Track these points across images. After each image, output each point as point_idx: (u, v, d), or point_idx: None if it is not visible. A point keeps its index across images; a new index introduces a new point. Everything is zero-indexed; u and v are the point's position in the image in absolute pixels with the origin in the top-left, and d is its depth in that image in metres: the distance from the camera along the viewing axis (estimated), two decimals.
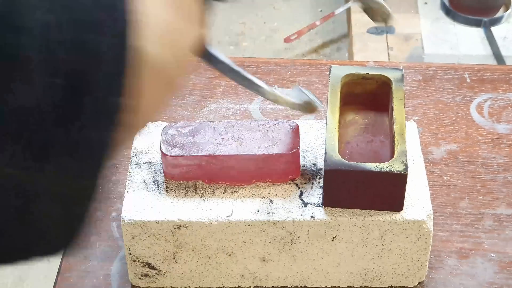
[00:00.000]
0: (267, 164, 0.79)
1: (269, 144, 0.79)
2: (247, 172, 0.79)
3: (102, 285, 0.83)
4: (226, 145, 0.79)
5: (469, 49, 2.24)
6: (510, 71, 1.07)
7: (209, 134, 0.80)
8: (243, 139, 0.80)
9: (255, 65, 1.08)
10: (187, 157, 0.78)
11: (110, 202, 0.90)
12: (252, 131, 0.81)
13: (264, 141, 0.79)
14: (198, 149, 0.79)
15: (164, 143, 0.79)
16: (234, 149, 0.79)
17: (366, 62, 1.06)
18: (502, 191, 0.91)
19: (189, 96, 1.03)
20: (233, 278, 0.82)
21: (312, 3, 2.74)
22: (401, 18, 2.36)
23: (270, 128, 0.81)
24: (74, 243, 0.45)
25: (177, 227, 0.77)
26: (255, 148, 0.79)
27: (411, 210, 0.77)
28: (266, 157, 0.78)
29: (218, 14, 2.72)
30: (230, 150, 0.79)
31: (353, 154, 0.81)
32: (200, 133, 0.80)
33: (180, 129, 0.81)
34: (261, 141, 0.80)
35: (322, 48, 2.55)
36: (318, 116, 1.00)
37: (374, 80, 0.84)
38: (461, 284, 0.82)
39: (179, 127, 0.81)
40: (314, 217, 0.77)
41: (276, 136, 0.80)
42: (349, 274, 0.81)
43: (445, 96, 1.03)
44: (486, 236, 0.86)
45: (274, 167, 0.79)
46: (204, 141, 0.79)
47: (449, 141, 0.97)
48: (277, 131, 0.80)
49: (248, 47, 2.57)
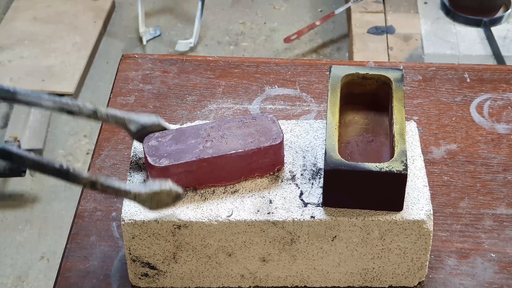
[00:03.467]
0: (256, 158, 0.79)
1: (254, 138, 0.79)
2: (237, 169, 0.79)
3: (102, 285, 0.83)
4: (213, 146, 0.79)
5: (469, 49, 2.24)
6: (510, 71, 1.07)
7: (192, 138, 0.79)
8: (227, 138, 0.79)
9: (255, 65, 1.08)
10: (178, 165, 0.77)
11: (110, 202, 0.90)
12: (233, 129, 0.80)
13: (248, 136, 0.80)
14: (186, 155, 0.78)
15: (150, 156, 0.78)
16: (223, 148, 0.78)
17: (366, 62, 1.06)
18: (502, 191, 0.91)
19: (189, 96, 1.03)
20: (233, 278, 0.82)
21: (312, 3, 2.74)
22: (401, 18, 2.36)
23: (249, 123, 0.81)
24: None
25: (177, 227, 0.77)
26: (242, 144, 0.79)
27: (411, 210, 0.77)
28: (255, 151, 0.78)
29: (218, 14, 2.72)
30: (218, 150, 0.78)
31: (353, 154, 0.81)
32: (182, 140, 0.79)
33: (160, 139, 0.79)
34: (245, 136, 0.79)
35: (322, 48, 2.55)
36: (318, 116, 1.00)
37: (374, 80, 0.84)
38: (461, 284, 0.82)
39: (159, 137, 0.80)
40: (314, 217, 0.77)
41: (258, 130, 0.80)
42: (349, 274, 0.81)
43: (445, 96, 1.03)
44: (486, 236, 0.86)
45: (263, 159, 0.79)
46: (190, 147, 0.79)
47: (449, 141, 0.97)
48: (257, 125, 0.81)
49: (248, 47, 2.57)
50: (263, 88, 1.05)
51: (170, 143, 0.79)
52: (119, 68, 1.09)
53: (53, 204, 2.06)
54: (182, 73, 1.07)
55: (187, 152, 0.78)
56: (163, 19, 2.69)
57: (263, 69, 1.07)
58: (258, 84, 1.05)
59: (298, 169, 0.81)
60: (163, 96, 1.04)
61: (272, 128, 0.80)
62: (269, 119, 0.81)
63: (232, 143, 0.79)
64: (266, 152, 0.79)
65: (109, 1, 2.69)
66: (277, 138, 0.79)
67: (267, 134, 0.80)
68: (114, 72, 1.10)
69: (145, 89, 1.05)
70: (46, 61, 2.43)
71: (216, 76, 1.06)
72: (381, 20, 2.35)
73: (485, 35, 2.28)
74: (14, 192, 2.10)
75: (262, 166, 0.80)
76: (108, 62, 2.52)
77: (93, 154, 0.97)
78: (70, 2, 2.67)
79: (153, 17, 2.69)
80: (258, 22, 2.68)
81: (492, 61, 2.20)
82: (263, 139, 0.79)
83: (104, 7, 2.66)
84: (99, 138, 0.98)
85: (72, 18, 2.61)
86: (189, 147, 0.78)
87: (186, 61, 1.09)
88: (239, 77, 1.06)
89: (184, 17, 2.70)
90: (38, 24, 2.58)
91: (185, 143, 0.79)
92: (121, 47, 2.58)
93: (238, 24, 2.67)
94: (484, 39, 2.27)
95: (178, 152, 0.78)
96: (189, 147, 0.78)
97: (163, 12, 2.73)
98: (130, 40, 2.61)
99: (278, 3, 2.76)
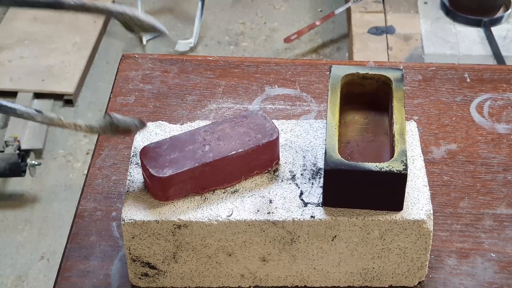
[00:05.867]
0: (256, 155, 0.79)
1: (251, 137, 0.79)
2: (238, 169, 0.79)
3: (102, 285, 0.83)
4: (212, 150, 0.78)
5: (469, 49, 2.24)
6: (510, 71, 1.07)
7: (189, 144, 0.79)
8: (224, 139, 0.79)
9: (255, 65, 1.08)
10: (181, 173, 0.77)
11: (110, 202, 0.90)
12: (227, 130, 0.80)
13: (244, 135, 0.80)
14: (188, 162, 0.77)
15: (152, 168, 0.77)
16: (222, 151, 0.78)
17: (366, 62, 1.06)
18: (502, 191, 0.91)
19: (189, 96, 1.03)
20: (233, 278, 0.82)
21: (312, 3, 2.74)
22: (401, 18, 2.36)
23: (241, 122, 0.81)
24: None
25: (177, 227, 0.77)
26: (240, 144, 0.79)
27: (411, 210, 0.77)
28: (254, 149, 0.78)
29: (218, 14, 2.72)
30: (219, 153, 0.78)
31: (353, 154, 0.81)
32: (179, 147, 0.79)
33: (157, 150, 0.79)
34: (241, 136, 0.80)
35: (322, 48, 2.55)
36: (318, 116, 1.00)
37: (374, 80, 0.84)
38: (461, 284, 0.82)
39: (155, 147, 0.79)
40: (314, 217, 0.77)
41: (252, 127, 0.80)
42: (349, 274, 0.81)
43: (445, 96, 1.03)
44: (486, 236, 0.86)
45: (262, 156, 0.79)
46: (189, 153, 0.78)
47: (449, 141, 0.97)
48: (250, 123, 0.81)
49: (248, 47, 2.57)
50: (263, 88, 1.05)
51: (168, 151, 0.79)
52: (119, 68, 1.09)
53: (53, 204, 2.06)
54: (182, 73, 1.07)
55: (188, 158, 0.78)
56: (163, 19, 2.69)
57: (263, 69, 1.07)
58: (258, 84, 1.05)
59: (298, 169, 0.81)
60: (163, 96, 1.04)
61: (265, 124, 0.81)
62: (260, 116, 0.82)
63: (231, 144, 0.79)
64: (265, 148, 0.79)
65: (109, 1, 2.69)
66: (273, 134, 0.80)
67: (262, 131, 0.80)
68: (114, 72, 1.10)
69: (145, 89, 1.05)
70: (46, 61, 2.43)
71: (216, 76, 1.06)
72: (381, 20, 2.35)
73: (485, 35, 2.28)
74: (14, 192, 2.10)
75: (261, 163, 0.80)
76: (108, 62, 2.52)
77: (93, 154, 0.97)
78: None
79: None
80: (258, 22, 2.68)
81: (492, 61, 2.21)
82: (260, 136, 0.80)
83: None
84: (99, 138, 0.98)
85: (72, 18, 2.61)
86: (188, 153, 0.78)
87: (186, 61, 1.09)
88: (239, 77, 1.06)
89: (184, 17, 2.70)
90: (38, 24, 2.58)
91: (183, 150, 0.79)
92: (121, 47, 2.58)
93: (238, 24, 2.67)
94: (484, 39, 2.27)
95: (178, 160, 0.78)
96: (188, 153, 0.78)
97: (163, 12, 2.73)
98: (130, 40, 2.61)
99: (278, 3, 2.76)
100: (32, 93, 2.31)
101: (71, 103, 2.34)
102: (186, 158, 0.78)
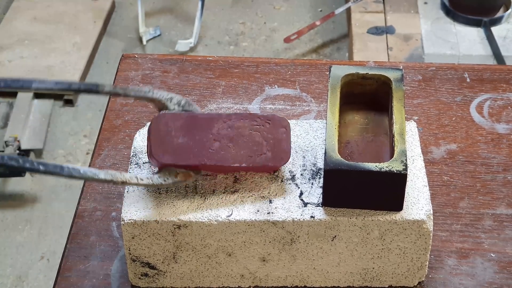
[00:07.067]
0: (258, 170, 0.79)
1: (261, 152, 0.77)
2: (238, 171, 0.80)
3: (102, 285, 0.83)
4: (218, 152, 0.77)
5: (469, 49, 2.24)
6: (510, 71, 1.07)
7: (201, 131, 0.77)
8: (235, 143, 0.78)
9: (255, 65, 1.08)
10: (179, 165, 0.76)
11: (110, 202, 0.90)
12: (244, 130, 0.78)
13: (255, 146, 0.78)
14: (190, 156, 0.76)
15: (154, 146, 0.76)
16: (226, 157, 0.77)
17: (366, 62, 1.06)
18: (502, 191, 0.91)
19: (189, 96, 1.03)
20: (233, 278, 0.82)
21: (312, 3, 2.74)
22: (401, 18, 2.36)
23: (261, 127, 0.79)
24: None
25: (177, 227, 0.77)
26: (246, 157, 0.77)
27: (411, 210, 0.77)
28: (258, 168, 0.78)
29: (218, 14, 2.72)
30: (222, 160, 0.77)
31: (353, 154, 0.81)
32: (191, 131, 0.77)
33: (170, 124, 0.77)
34: (253, 145, 0.78)
35: (322, 48, 2.55)
36: (318, 116, 1.00)
37: (374, 80, 0.84)
38: (461, 284, 0.82)
39: (170, 120, 0.77)
40: (314, 217, 0.77)
41: (268, 140, 0.78)
42: (349, 274, 0.81)
43: (445, 96, 1.03)
44: (486, 236, 0.86)
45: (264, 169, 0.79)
46: (196, 144, 0.77)
47: (449, 141, 0.97)
48: (269, 133, 0.78)
49: (248, 47, 2.57)
50: (263, 88, 1.05)
51: (177, 133, 0.77)
52: (119, 68, 1.09)
53: (53, 204, 2.06)
54: (182, 73, 1.07)
55: (191, 152, 0.76)
56: (163, 19, 2.69)
57: (263, 69, 1.07)
58: (258, 84, 1.05)
59: (298, 169, 0.81)
60: None
61: (281, 143, 0.78)
62: (281, 132, 0.78)
63: (238, 153, 0.77)
64: (269, 169, 0.79)
65: (109, 1, 2.69)
66: (284, 159, 0.78)
67: (275, 151, 0.78)
68: (114, 72, 1.10)
69: None
70: (46, 61, 2.43)
71: (216, 76, 1.06)
72: (381, 20, 2.35)
73: (485, 35, 2.28)
74: (14, 192, 2.10)
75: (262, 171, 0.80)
76: (108, 62, 2.52)
77: (93, 154, 0.97)
78: (70, 2, 2.67)
79: (153, 17, 2.69)
80: (258, 22, 2.68)
81: (492, 61, 2.21)
82: (269, 156, 0.78)
83: (104, 7, 2.66)
84: (99, 138, 0.98)
85: (72, 18, 2.61)
86: (195, 144, 0.77)
87: (186, 61, 1.09)
88: (239, 77, 1.06)
89: (184, 17, 2.70)
90: (38, 24, 2.58)
91: (193, 137, 0.77)
92: (121, 47, 2.58)
93: (238, 24, 2.67)
94: (484, 39, 2.27)
95: (182, 149, 0.76)
96: (195, 144, 0.77)
97: (163, 12, 2.73)
98: (130, 40, 2.61)
99: (278, 3, 2.76)
100: (32, 93, 2.31)
101: (71, 103, 2.34)
102: (190, 150, 0.76)
